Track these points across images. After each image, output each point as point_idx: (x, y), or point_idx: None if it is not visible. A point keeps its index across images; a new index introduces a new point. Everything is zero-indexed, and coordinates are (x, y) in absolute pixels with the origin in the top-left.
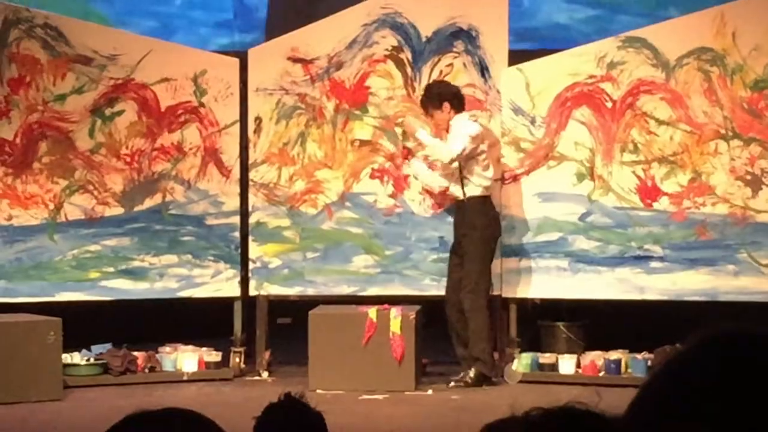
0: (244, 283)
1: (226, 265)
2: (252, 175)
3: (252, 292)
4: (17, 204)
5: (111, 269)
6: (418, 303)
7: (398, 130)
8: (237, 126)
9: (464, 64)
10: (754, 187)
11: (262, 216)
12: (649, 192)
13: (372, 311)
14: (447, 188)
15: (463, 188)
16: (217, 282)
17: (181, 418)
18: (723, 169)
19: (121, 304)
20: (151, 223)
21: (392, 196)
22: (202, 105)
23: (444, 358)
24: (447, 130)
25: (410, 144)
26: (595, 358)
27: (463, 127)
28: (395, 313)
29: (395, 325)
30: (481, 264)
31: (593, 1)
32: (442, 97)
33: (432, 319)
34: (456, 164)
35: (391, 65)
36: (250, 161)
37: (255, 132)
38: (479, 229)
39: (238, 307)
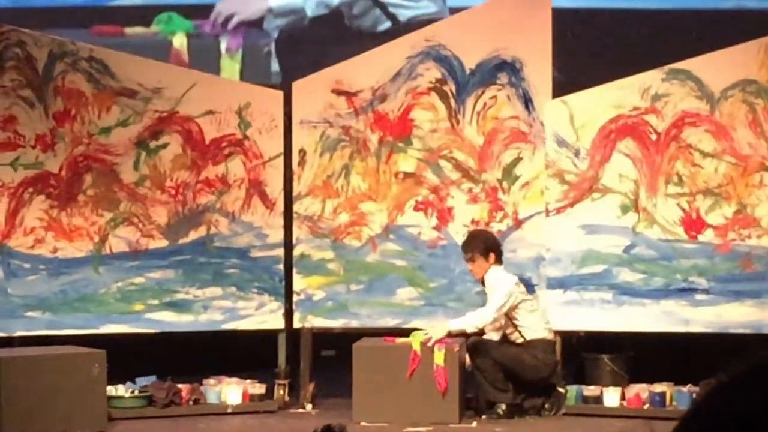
0: (288, 315)
1: (271, 298)
2: (296, 207)
3: (296, 324)
4: (62, 236)
5: (155, 302)
6: (462, 335)
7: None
8: (281, 158)
9: (508, 97)
10: None
11: (306, 248)
12: (693, 224)
13: (416, 343)
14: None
15: (521, 334)
16: (262, 314)
17: None
18: (767, 201)
19: (165, 336)
20: (195, 255)
21: (436, 228)
22: (246, 137)
23: None
24: (481, 280)
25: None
26: (640, 390)
27: (500, 279)
28: (439, 345)
29: (439, 358)
30: (514, 363)
31: None
32: (490, 247)
33: None
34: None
35: (435, 97)
36: (294, 193)
37: (299, 164)
38: (532, 362)
39: (282, 339)
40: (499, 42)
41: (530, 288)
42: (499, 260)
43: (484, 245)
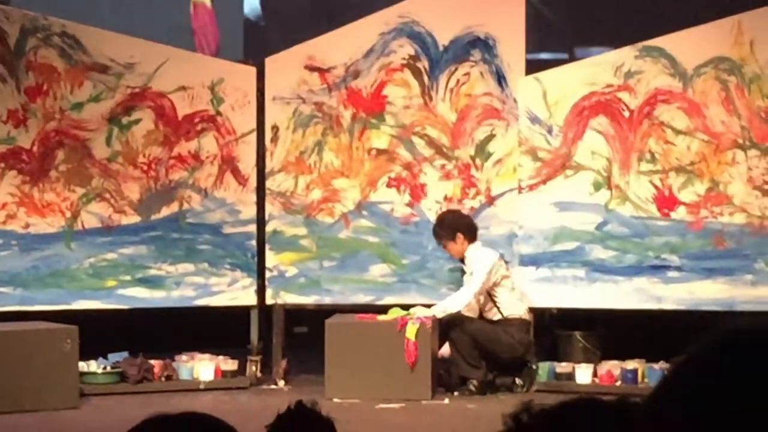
0: (261, 291)
1: (243, 274)
2: (269, 183)
3: (268, 300)
4: (34, 212)
5: (128, 278)
6: None
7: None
8: (254, 135)
9: (481, 73)
10: None
11: (278, 225)
12: (666, 201)
13: (411, 333)
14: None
15: (500, 311)
16: (234, 290)
17: (200, 423)
18: (740, 178)
19: (137, 312)
20: (168, 231)
21: (409, 204)
22: (219, 113)
23: None
24: (462, 260)
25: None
26: (612, 367)
27: (479, 257)
28: (413, 320)
29: (411, 332)
30: (489, 338)
31: None
32: (456, 229)
33: None
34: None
35: (408, 74)
36: (267, 170)
37: (272, 141)
38: (507, 341)
39: (254, 315)
40: (472, 19)
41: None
42: (471, 238)
43: (450, 229)
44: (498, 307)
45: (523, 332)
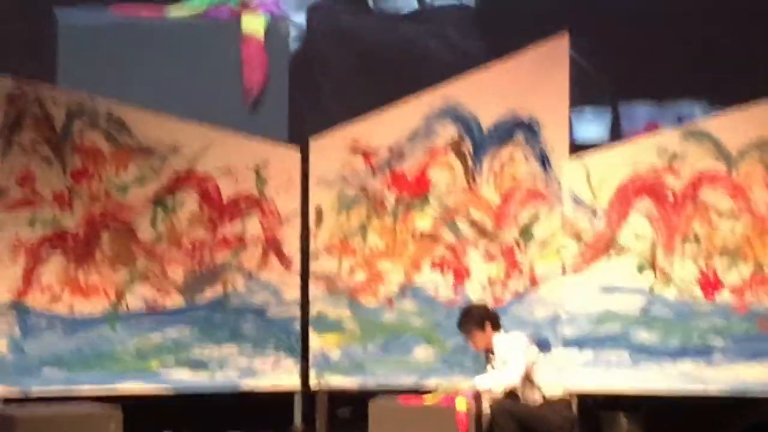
0: (304, 374)
1: (287, 356)
2: (313, 266)
3: (312, 382)
4: (79, 294)
5: (172, 359)
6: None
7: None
8: (298, 216)
9: (525, 156)
10: None
11: (322, 306)
12: (710, 284)
13: (461, 404)
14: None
15: (540, 391)
16: (278, 373)
17: None
18: None
19: (182, 394)
20: (211, 313)
21: (453, 286)
22: (263, 195)
23: None
24: (489, 351)
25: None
26: None
27: (511, 341)
28: (461, 394)
29: (461, 404)
30: (532, 417)
31: None
32: (484, 318)
33: None
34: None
35: (452, 156)
36: (311, 252)
37: (316, 223)
38: (554, 421)
39: (298, 398)
40: (515, 101)
41: (546, 347)
42: (497, 327)
43: (478, 318)
44: (539, 388)
45: (568, 410)
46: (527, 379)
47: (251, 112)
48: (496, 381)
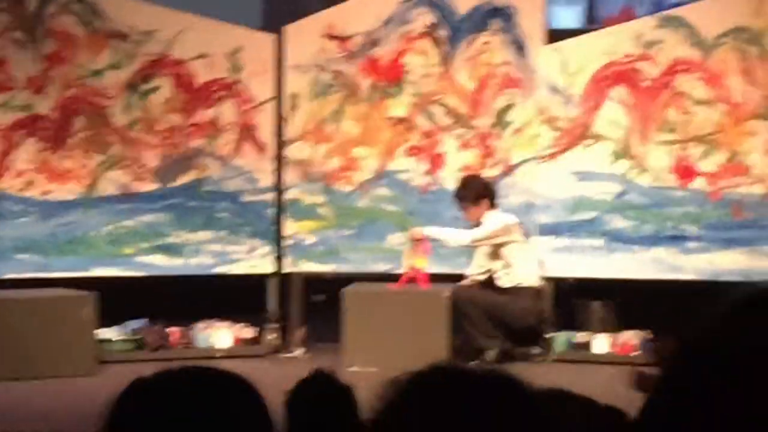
0: (279, 259)
1: (261, 242)
2: (287, 152)
3: (286, 269)
4: (53, 179)
5: (146, 245)
6: (452, 280)
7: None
8: (273, 103)
9: (500, 42)
10: None
11: (297, 193)
12: (685, 171)
13: (420, 262)
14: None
15: (509, 277)
16: (252, 258)
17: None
18: (760, 149)
19: (156, 280)
20: (186, 199)
21: (427, 173)
22: (238, 81)
23: None
24: (478, 224)
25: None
26: (630, 337)
27: (495, 219)
28: (423, 253)
29: (420, 262)
30: (495, 308)
31: None
32: (481, 194)
33: None
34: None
35: (427, 43)
36: (286, 138)
37: (291, 109)
38: (518, 310)
39: (272, 283)
40: None
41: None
42: (493, 205)
43: (475, 192)
44: (508, 272)
45: (535, 300)
46: (504, 262)
47: None
48: (448, 235)
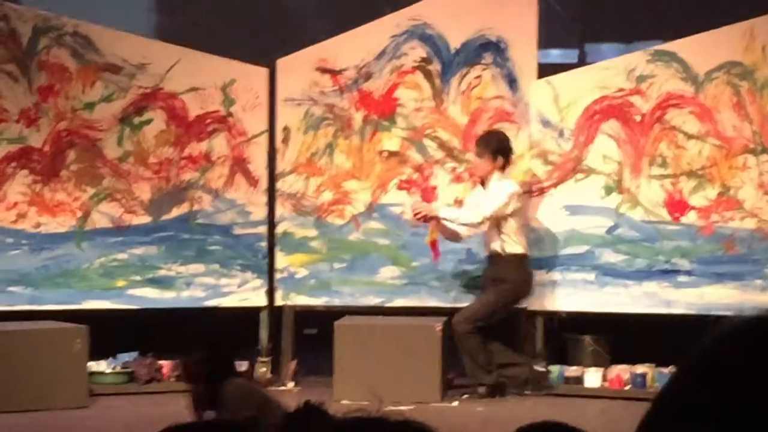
0: (271, 293)
1: (253, 275)
2: (279, 185)
3: (278, 302)
4: (45, 212)
5: (138, 278)
6: (444, 315)
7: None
8: (265, 136)
9: (493, 76)
10: None
11: (289, 226)
12: (677, 206)
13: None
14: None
15: (503, 244)
16: (244, 291)
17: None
18: (752, 183)
19: (147, 312)
20: (178, 231)
21: None
22: (230, 114)
23: None
24: (483, 182)
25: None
26: (621, 371)
27: (501, 188)
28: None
29: (433, 234)
30: (492, 306)
31: None
32: (499, 150)
33: None
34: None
35: (419, 76)
36: (278, 171)
37: (283, 142)
38: (510, 282)
39: (264, 317)
40: (484, 21)
41: None
42: (504, 166)
43: (495, 146)
44: (502, 241)
45: (524, 268)
46: (497, 229)
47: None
48: (459, 216)
